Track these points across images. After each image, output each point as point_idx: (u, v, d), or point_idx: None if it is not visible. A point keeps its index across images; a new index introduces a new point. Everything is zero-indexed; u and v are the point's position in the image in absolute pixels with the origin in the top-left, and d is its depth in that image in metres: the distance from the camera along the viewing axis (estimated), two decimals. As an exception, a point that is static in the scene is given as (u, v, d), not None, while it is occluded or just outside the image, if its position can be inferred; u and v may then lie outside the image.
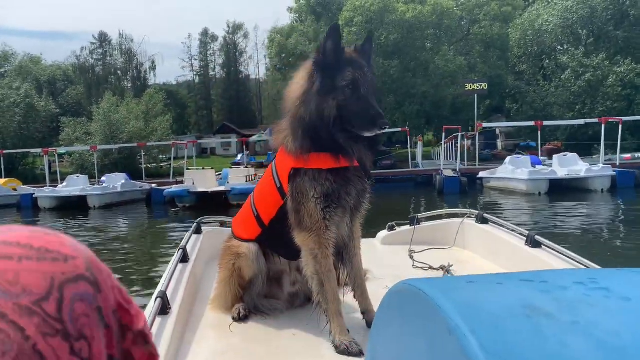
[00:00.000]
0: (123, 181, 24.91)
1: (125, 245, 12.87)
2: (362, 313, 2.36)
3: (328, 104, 2.04)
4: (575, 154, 21.56)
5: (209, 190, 20.59)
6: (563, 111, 37.22)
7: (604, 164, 20.76)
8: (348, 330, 2.14)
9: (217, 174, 25.45)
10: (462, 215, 3.70)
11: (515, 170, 20.47)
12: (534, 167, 20.78)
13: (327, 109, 2.04)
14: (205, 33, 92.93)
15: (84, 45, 73.73)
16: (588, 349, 0.63)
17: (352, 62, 2.11)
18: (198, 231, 3.58)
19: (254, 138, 56.81)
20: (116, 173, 27.58)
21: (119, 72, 70.59)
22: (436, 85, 35.05)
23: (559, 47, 42.84)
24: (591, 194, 18.65)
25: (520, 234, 3.01)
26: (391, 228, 3.96)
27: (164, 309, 2.11)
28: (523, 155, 39.47)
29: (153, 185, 25.05)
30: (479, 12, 38.49)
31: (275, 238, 2.38)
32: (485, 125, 31.16)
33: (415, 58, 36.17)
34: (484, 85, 30.21)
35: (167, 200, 21.39)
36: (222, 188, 20.66)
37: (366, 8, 34.74)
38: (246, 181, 21.94)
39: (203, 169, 25.07)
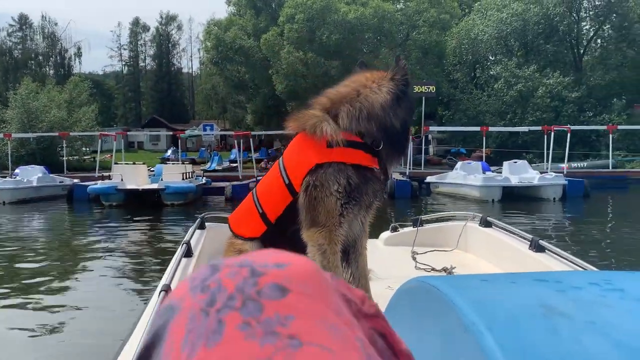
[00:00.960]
0: (40, 174, 22.56)
1: (36, 245, 11.55)
2: None
3: (410, 117, 2.31)
4: (525, 161, 21.76)
5: (140, 187, 18.85)
6: (495, 120, 38.22)
7: (555, 172, 20.91)
8: None
9: (149, 169, 23.90)
10: (465, 218, 3.75)
11: (467, 176, 20.16)
12: (484, 173, 20.64)
13: (409, 122, 2.32)
14: (136, 22, 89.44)
15: (1, 26, 68.53)
16: (605, 349, 0.64)
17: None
18: (202, 226, 3.57)
19: (187, 133, 54.73)
20: (32, 165, 24.83)
21: (40, 57, 66.02)
22: (375, 88, 34.96)
23: (491, 57, 44.15)
24: (543, 202, 18.57)
25: (524, 238, 3.02)
26: (394, 229, 3.99)
27: None
28: (454, 159, 40.65)
29: (75, 181, 22.87)
30: (418, 18, 38.82)
31: (280, 236, 2.35)
32: (431, 129, 30.98)
33: (356, 60, 35.65)
34: (432, 88, 30.02)
35: (92, 197, 19.52)
36: (155, 186, 18.99)
37: (308, 5, 34.09)
38: (183, 179, 19.97)
39: (134, 163, 22.69)
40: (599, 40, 40.75)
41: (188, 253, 2.90)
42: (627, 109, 37.03)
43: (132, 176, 19.77)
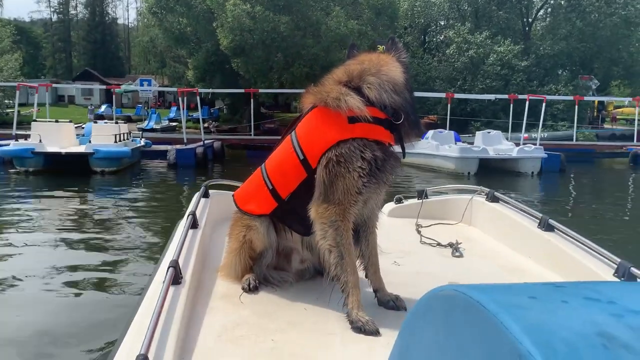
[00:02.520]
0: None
1: None
2: (375, 291, 2.33)
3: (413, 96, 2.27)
4: (499, 132, 20.24)
5: (63, 150, 16.05)
6: (445, 86, 37.75)
7: (526, 144, 19.46)
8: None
9: (77, 126, 20.75)
10: (473, 192, 3.67)
11: (439, 147, 18.35)
12: (456, 143, 19.10)
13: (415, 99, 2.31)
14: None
15: None
16: None
17: None
18: (206, 195, 3.44)
19: (123, 87, 51.21)
20: None
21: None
22: (326, 48, 33.29)
23: (443, 22, 43.38)
24: (520, 177, 17.41)
25: (533, 216, 2.96)
26: (398, 200, 3.90)
27: (176, 278, 2.06)
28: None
29: None
30: (371, -24, 37.21)
31: (291, 213, 2.33)
32: None
33: (307, 17, 34.00)
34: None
35: (5, 160, 16.72)
36: (81, 149, 16.29)
37: (257, -45, 31.70)
38: (116, 141, 17.13)
39: (56, 121, 19.07)
40: (549, 10, 40.57)
41: (194, 224, 2.79)
42: (572, 80, 37.38)
43: (55, 136, 16.74)
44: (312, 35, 34.32)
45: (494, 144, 18.69)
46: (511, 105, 23.27)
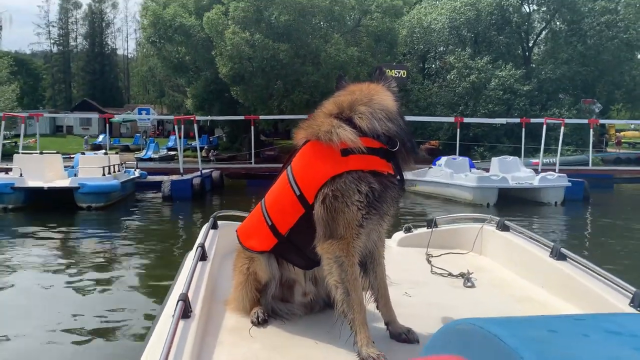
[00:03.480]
0: None
1: None
2: (386, 324, 2.29)
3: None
4: (516, 158, 18.70)
5: (46, 185, 14.69)
6: (446, 112, 37.34)
7: (557, 173, 17.84)
8: (373, 342, 2.03)
9: (66, 157, 19.42)
10: (482, 220, 3.63)
11: (454, 175, 17.00)
12: (471, 171, 17.80)
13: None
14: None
15: None
16: None
17: None
18: (214, 226, 3.44)
19: (121, 117, 50.77)
20: None
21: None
22: (326, 75, 32.95)
23: (442, 47, 43.21)
24: (543, 207, 16.07)
25: (545, 245, 2.93)
26: (407, 230, 3.87)
27: (186, 312, 2.04)
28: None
29: None
30: (370, 3, 37.13)
31: (291, 248, 2.29)
32: None
33: (306, 44, 33.79)
34: (403, 73, 26.19)
35: None
36: (66, 183, 14.99)
37: (255, -17, 31.60)
38: (105, 174, 15.50)
39: (41, 153, 17.40)
40: (550, 34, 40.45)
41: (203, 256, 2.80)
42: (576, 104, 36.98)
43: (39, 170, 15.41)
44: (312, 63, 34.10)
45: (511, 170, 17.29)
46: (523, 129, 22.06)
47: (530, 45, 41.89)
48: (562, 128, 21.17)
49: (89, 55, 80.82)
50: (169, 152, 38.99)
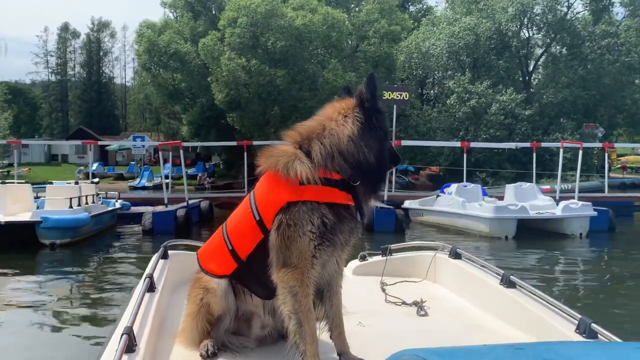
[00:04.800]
0: None
1: None
2: (339, 354, 2.30)
3: (385, 146, 2.14)
4: (533, 184, 17.06)
5: (3, 220, 12.66)
6: (447, 137, 36.69)
7: (578, 201, 16.01)
8: None
9: (41, 187, 17.20)
10: (435, 249, 3.67)
11: (466, 204, 15.41)
12: (484, 199, 16.30)
13: (384, 152, 2.14)
14: (65, 28, 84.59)
15: None
16: None
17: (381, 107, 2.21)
18: (164, 256, 3.34)
19: (114, 146, 50.06)
20: None
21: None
22: (324, 101, 31.96)
23: (439, 73, 42.78)
24: (567, 240, 14.46)
25: (495, 273, 2.96)
26: (362, 258, 3.88)
27: (130, 346, 1.97)
28: (406, 179, 38.45)
29: None
30: (368, 29, 36.81)
31: (251, 274, 2.27)
32: (404, 143, 25.71)
33: (304, 70, 33.27)
34: (405, 95, 25.01)
35: None
36: (26, 217, 13.08)
37: (251, 9, 31.14)
38: (72, 205, 13.45)
39: (3, 182, 15.93)
40: (550, 58, 40.05)
41: (151, 287, 2.71)
42: (578, 129, 36.33)
43: (2, 202, 13.66)
44: (309, 89, 33.58)
45: (528, 199, 15.64)
46: (534, 154, 20.37)
47: (530, 69, 41.46)
48: (580, 152, 19.35)
49: (86, 84, 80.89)
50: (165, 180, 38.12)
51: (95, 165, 49.97)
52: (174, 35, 34.98)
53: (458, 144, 23.74)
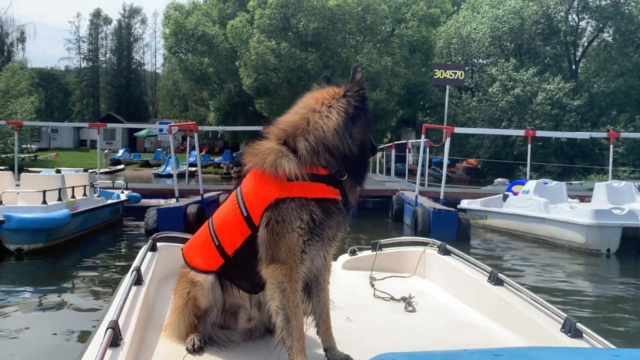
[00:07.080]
0: None
1: None
2: (325, 350, 2.28)
3: (367, 136, 2.12)
4: (630, 184, 13.36)
5: None
6: (487, 127, 34.39)
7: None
8: None
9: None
10: (425, 244, 3.66)
11: (550, 206, 12.28)
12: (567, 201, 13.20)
13: (366, 142, 2.12)
14: (97, 14, 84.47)
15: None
16: None
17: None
18: (153, 248, 3.29)
19: (143, 132, 49.21)
20: None
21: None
22: (357, 87, 30.67)
23: (481, 60, 40.35)
24: None
25: (483, 270, 2.96)
26: (352, 252, 3.87)
27: (114, 340, 1.94)
28: (440, 171, 36.39)
29: None
30: (405, 11, 34.74)
31: (238, 270, 2.25)
32: (457, 130, 22.53)
33: (336, 54, 31.51)
34: (461, 74, 21.95)
35: None
36: None
37: (282, -11, 29.50)
38: (45, 201, 9.94)
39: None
40: (603, 44, 37.22)
41: (138, 280, 2.67)
42: (632, 121, 33.63)
43: None
44: (342, 74, 31.84)
45: (625, 200, 12.25)
46: (611, 145, 17.04)
47: (578, 56, 38.72)
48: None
49: (116, 70, 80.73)
50: (190, 168, 36.90)
51: (121, 151, 49.35)
52: (202, 17, 33.58)
53: (521, 132, 20.32)
